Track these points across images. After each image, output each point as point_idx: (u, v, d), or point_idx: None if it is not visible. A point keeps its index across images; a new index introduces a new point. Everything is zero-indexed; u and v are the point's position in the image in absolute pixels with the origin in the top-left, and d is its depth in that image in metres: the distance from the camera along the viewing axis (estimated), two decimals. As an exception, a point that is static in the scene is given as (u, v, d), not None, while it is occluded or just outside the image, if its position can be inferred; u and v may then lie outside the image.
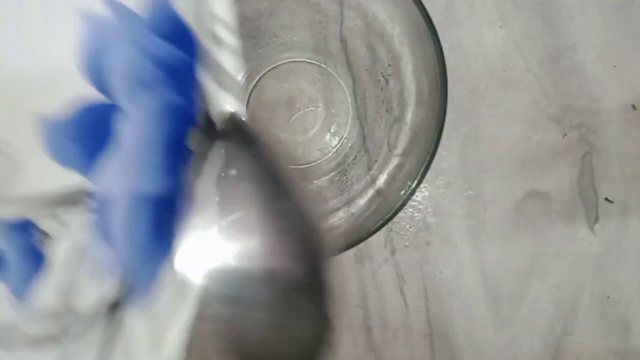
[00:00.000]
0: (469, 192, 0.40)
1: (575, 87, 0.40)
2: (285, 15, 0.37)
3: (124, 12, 0.23)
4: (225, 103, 0.22)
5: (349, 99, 0.39)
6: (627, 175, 0.40)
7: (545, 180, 0.40)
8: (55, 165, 0.24)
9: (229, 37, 0.22)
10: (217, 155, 0.22)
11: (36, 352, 0.23)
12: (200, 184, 0.23)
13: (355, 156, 0.38)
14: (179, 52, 0.23)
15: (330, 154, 0.39)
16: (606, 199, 0.40)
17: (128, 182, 0.24)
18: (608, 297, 0.40)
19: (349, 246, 0.32)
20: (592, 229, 0.40)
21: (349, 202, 0.36)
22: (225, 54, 0.22)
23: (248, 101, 0.39)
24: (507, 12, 0.40)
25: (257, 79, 0.39)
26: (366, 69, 0.37)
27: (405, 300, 0.39)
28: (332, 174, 0.38)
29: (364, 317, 0.39)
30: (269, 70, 0.39)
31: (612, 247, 0.40)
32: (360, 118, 0.39)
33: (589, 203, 0.40)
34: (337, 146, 0.39)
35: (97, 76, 0.24)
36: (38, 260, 0.24)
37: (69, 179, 0.24)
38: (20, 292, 0.23)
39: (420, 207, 0.40)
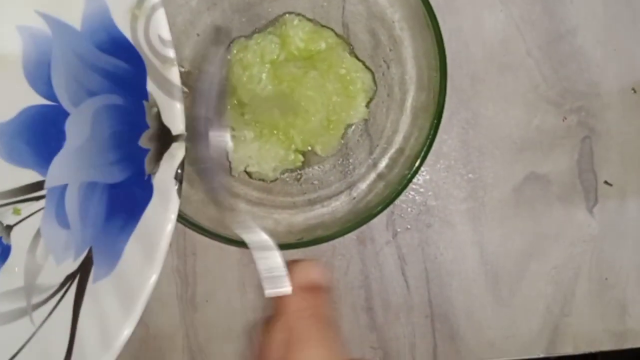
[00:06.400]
0: (469, 175, 0.40)
1: (575, 71, 0.40)
2: (288, 0, 0.37)
3: (59, 26, 0.26)
4: (175, 111, 0.24)
5: (350, 83, 0.39)
6: (627, 159, 0.41)
7: (545, 163, 0.40)
8: (8, 165, 0.27)
9: (172, 54, 0.24)
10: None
11: (8, 324, 0.25)
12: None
13: (358, 140, 0.38)
14: (123, 64, 0.25)
15: (332, 139, 0.39)
16: (605, 182, 0.41)
17: (78, 173, 0.26)
18: (606, 279, 0.41)
19: (351, 230, 0.32)
20: (591, 211, 0.41)
21: (351, 186, 0.37)
22: (171, 69, 0.24)
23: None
24: (508, -4, 0.40)
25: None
26: (368, 54, 0.37)
27: (406, 281, 0.40)
28: (334, 157, 0.38)
29: (366, 297, 0.40)
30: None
31: (611, 229, 0.41)
32: (362, 102, 0.39)
33: (588, 186, 0.41)
34: (339, 130, 0.39)
35: (41, 84, 0.27)
36: (2, 249, 0.26)
37: (23, 175, 0.27)
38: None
39: (422, 190, 0.40)
